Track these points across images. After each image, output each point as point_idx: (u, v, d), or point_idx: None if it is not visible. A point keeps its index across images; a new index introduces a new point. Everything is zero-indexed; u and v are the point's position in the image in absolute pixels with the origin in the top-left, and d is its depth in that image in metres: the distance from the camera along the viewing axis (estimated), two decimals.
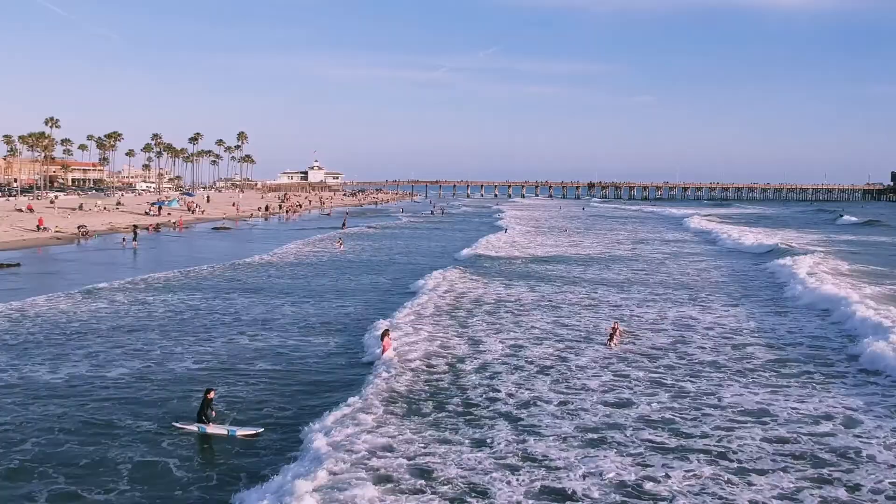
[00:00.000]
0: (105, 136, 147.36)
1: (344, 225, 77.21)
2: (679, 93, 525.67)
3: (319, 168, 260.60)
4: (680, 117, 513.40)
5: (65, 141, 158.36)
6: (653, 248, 57.48)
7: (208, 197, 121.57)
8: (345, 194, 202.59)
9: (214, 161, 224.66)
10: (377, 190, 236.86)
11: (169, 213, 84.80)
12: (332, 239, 59.44)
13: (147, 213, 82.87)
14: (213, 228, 72.93)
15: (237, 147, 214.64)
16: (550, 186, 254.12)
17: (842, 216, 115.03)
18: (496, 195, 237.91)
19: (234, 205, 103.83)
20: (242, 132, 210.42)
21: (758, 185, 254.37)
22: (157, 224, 70.29)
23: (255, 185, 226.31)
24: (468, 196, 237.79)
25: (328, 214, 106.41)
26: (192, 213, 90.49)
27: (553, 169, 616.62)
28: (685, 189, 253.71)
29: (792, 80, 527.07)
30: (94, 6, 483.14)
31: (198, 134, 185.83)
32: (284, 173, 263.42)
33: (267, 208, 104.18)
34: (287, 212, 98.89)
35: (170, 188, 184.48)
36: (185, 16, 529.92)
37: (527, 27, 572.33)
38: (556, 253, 51.38)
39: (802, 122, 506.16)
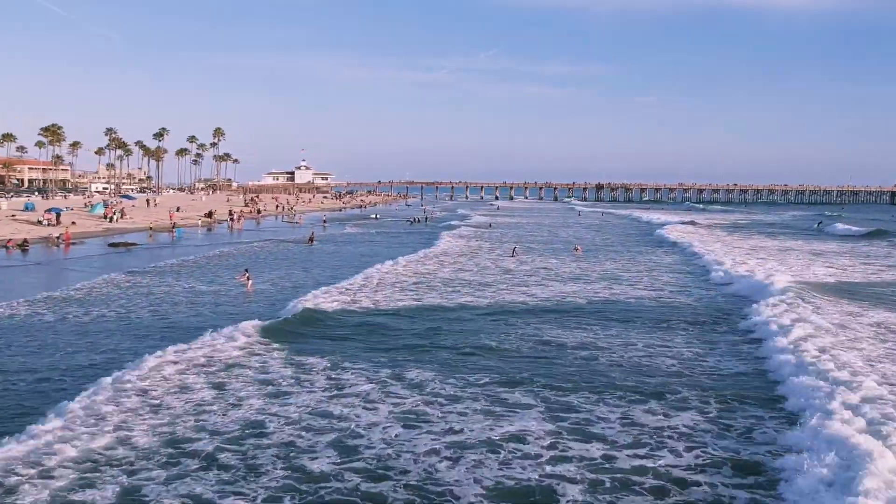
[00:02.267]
0: (42, 129, 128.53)
1: (311, 239, 57.65)
2: (679, 93, 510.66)
3: (307, 168, 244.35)
4: (680, 117, 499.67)
5: (6, 136, 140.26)
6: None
7: (149, 200, 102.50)
8: (325, 196, 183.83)
9: (196, 160, 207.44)
10: (368, 192, 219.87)
11: (73, 223, 66.15)
12: (233, 261, 38.40)
13: (40, 223, 64.23)
14: (110, 245, 54.23)
15: (213, 145, 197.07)
16: (555, 188, 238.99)
17: (821, 222, 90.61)
18: (497, 196, 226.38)
19: (176, 210, 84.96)
20: (219, 128, 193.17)
21: (777, 186, 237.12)
22: (24, 240, 51.39)
23: (231, 185, 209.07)
24: (466, 197, 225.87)
25: (298, 223, 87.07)
26: (110, 221, 71.77)
27: (553, 170, 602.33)
28: (700, 191, 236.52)
29: (792, 80, 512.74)
30: (94, 6, 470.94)
31: (163, 129, 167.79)
32: (269, 174, 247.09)
33: (210, 215, 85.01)
34: (233, 220, 79.81)
35: (133, 189, 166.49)
36: (185, 16, 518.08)
37: (527, 27, 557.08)
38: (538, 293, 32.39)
39: (806, 122, 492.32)
